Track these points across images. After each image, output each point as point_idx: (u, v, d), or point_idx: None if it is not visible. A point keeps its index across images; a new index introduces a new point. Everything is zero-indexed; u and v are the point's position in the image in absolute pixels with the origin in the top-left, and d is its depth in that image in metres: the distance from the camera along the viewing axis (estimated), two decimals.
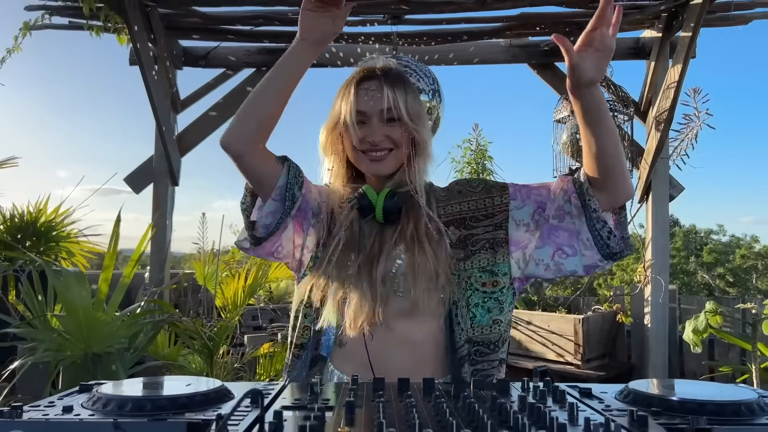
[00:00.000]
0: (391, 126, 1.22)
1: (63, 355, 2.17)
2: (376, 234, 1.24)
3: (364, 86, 1.22)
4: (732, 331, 3.28)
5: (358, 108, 1.21)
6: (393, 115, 1.20)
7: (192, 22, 3.39)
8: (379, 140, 1.21)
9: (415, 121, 1.22)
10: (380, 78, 1.21)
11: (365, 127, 1.21)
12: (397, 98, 1.20)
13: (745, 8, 3.23)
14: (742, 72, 67.30)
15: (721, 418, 0.78)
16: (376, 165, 1.23)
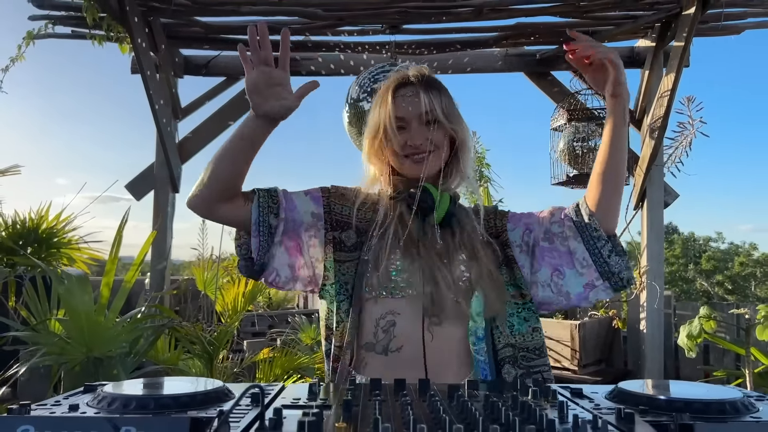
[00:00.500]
0: (429, 129, 1.26)
1: (65, 359, 2.20)
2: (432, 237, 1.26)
3: (401, 93, 1.27)
4: (727, 337, 3.32)
5: (397, 114, 1.26)
6: (431, 118, 1.25)
7: (193, 32, 3.45)
8: (420, 143, 1.25)
9: (452, 122, 1.28)
10: (415, 84, 1.27)
11: (405, 132, 1.26)
12: (433, 102, 1.25)
13: (737, 18, 3.28)
14: (736, 81, 67.69)
15: (705, 416, 0.82)
16: (419, 166, 1.27)
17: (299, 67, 3.71)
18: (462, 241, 1.27)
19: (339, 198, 1.32)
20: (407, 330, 1.20)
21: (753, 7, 3.16)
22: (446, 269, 1.23)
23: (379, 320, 1.21)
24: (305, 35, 3.35)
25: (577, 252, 1.25)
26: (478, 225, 1.30)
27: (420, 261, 1.22)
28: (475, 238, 1.28)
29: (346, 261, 1.25)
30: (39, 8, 3.20)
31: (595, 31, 3.37)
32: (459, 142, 1.30)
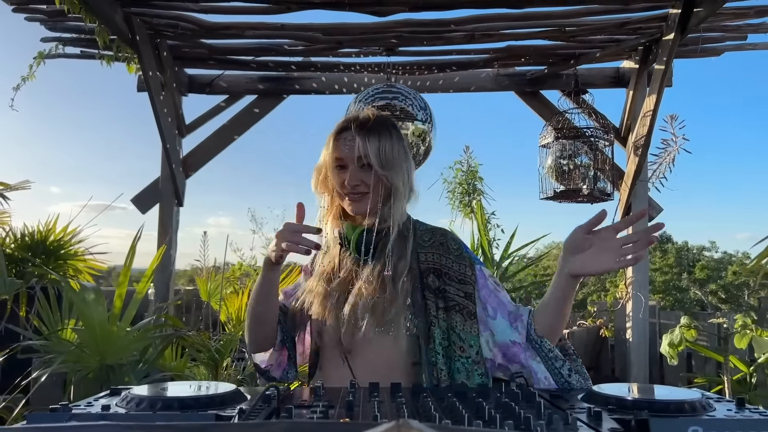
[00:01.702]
0: (365, 171, 1.36)
1: (80, 367, 2.33)
2: (351, 268, 1.40)
3: (342, 136, 1.38)
4: (708, 345, 3.47)
5: (336, 155, 1.38)
6: (365, 162, 1.35)
7: (198, 53, 3.60)
8: (355, 183, 1.36)
9: (385, 168, 1.35)
10: (358, 129, 1.36)
11: (344, 171, 1.37)
12: (367, 147, 1.33)
13: (715, 41, 3.46)
14: (721, 97, 68.37)
15: (664, 414, 0.95)
16: (356, 205, 1.38)
17: (301, 86, 3.88)
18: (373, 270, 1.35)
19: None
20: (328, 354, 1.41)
21: (730, 32, 3.34)
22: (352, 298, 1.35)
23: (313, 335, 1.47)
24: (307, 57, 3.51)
25: (539, 372, 1.31)
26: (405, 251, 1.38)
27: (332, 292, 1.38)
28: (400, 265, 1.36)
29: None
30: (51, 31, 3.34)
31: (581, 54, 3.54)
32: (392, 188, 1.37)
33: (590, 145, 3.50)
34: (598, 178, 3.52)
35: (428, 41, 3.30)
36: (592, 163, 3.49)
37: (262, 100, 3.93)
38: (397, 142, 1.39)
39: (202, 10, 3.05)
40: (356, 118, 1.40)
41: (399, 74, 3.71)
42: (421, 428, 0.54)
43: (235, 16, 3.09)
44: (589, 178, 3.47)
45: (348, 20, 3.10)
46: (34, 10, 3.11)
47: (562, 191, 3.53)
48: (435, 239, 1.43)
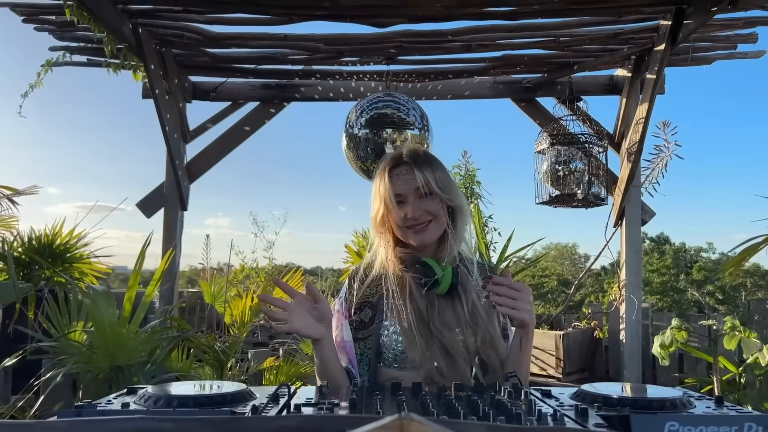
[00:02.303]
0: (426, 200, 1.41)
1: (91, 368, 2.42)
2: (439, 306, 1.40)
3: (396, 172, 1.44)
4: (699, 346, 3.56)
5: (395, 192, 1.42)
6: (425, 191, 1.40)
7: (202, 61, 3.69)
8: (419, 215, 1.40)
9: (446, 192, 1.41)
10: (409, 163, 1.43)
11: (404, 206, 1.41)
12: (426, 176, 1.40)
13: (706, 51, 3.56)
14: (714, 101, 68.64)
15: (646, 411, 1.03)
16: (421, 236, 1.41)
17: (302, 93, 3.97)
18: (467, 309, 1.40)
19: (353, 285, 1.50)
20: None
21: (720, 42, 3.43)
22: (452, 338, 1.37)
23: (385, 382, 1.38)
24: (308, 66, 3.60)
25: None
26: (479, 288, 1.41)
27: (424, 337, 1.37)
28: (478, 304, 1.41)
29: (364, 338, 1.44)
30: (59, 40, 3.43)
31: (575, 63, 3.64)
32: (456, 209, 1.44)
33: (585, 151, 3.60)
34: (592, 183, 3.61)
35: (427, 51, 3.40)
36: (586, 169, 3.59)
37: (263, 106, 4.03)
38: (446, 170, 1.47)
39: (207, 21, 3.14)
40: (406, 153, 1.45)
41: (398, 82, 3.80)
42: (422, 421, 0.63)
43: (239, 27, 3.18)
44: (583, 183, 3.57)
45: (349, 31, 3.19)
46: (43, 21, 3.19)
47: (557, 196, 3.62)
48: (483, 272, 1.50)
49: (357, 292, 1.48)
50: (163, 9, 3.02)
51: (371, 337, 1.42)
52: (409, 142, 1.57)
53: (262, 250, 5.10)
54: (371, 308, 1.46)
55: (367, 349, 1.42)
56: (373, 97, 3.38)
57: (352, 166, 3.52)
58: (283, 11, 2.89)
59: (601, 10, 2.99)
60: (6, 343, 3.53)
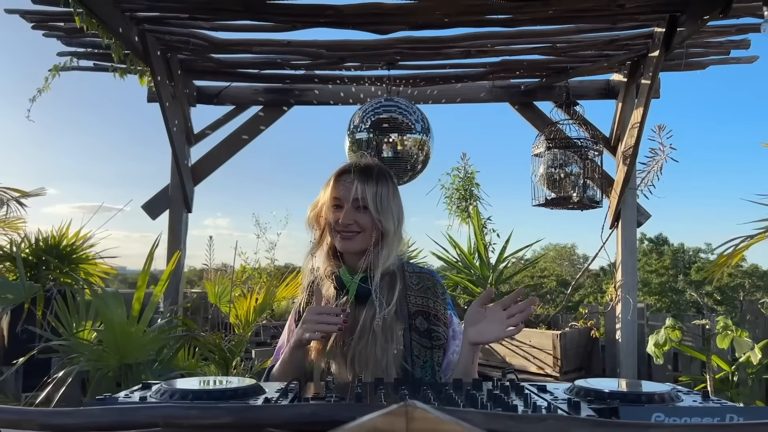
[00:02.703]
0: (360, 213, 1.48)
1: (101, 365, 2.49)
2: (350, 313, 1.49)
3: (342, 178, 1.51)
4: (693, 345, 3.63)
5: (334, 195, 1.50)
6: (361, 204, 1.47)
7: (206, 66, 3.77)
8: (348, 223, 1.47)
9: (380, 212, 1.47)
10: (358, 173, 1.49)
11: (339, 210, 1.49)
12: (365, 191, 1.46)
13: (700, 56, 3.64)
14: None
15: (635, 403, 1.10)
16: (346, 243, 1.49)
17: (305, 97, 4.05)
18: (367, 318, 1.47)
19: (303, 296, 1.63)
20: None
21: (713, 48, 3.51)
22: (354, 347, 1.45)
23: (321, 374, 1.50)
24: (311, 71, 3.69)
25: None
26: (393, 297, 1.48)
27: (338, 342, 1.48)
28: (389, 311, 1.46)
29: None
30: (67, 45, 3.51)
31: (572, 68, 3.72)
32: (383, 231, 1.48)
33: (580, 155, 3.68)
34: (587, 186, 3.69)
35: (426, 57, 3.48)
36: (582, 172, 3.66)
37: (266, 110, 4.10)
38: (393, 193, 1.52)
39: (213, 28, 3.22)
40: (358, 163, 1.52)
41: (398, 86, 3.88)
42: (425, 408, 0.71)
43: (243, 33, 3.26)
44: (579, 186, 3.65)
45: (350, 38, 3.27)
46: (52, 27, 3.27)
47: (553, 198, 3.70)
48: (423, 283, 1.56)
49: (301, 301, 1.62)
50: (170, 16, 3.10)
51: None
52: (368, 158, 1.62)
53: (264, 251, 5.18)
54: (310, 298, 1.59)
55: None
56: (375, 102, 3.46)
57: None
58: (287, 18, 2.97)
59: (596, 18, 3.08)
60: (16, 343, 3.62)
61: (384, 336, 1.45)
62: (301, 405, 1.03)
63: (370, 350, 1.44)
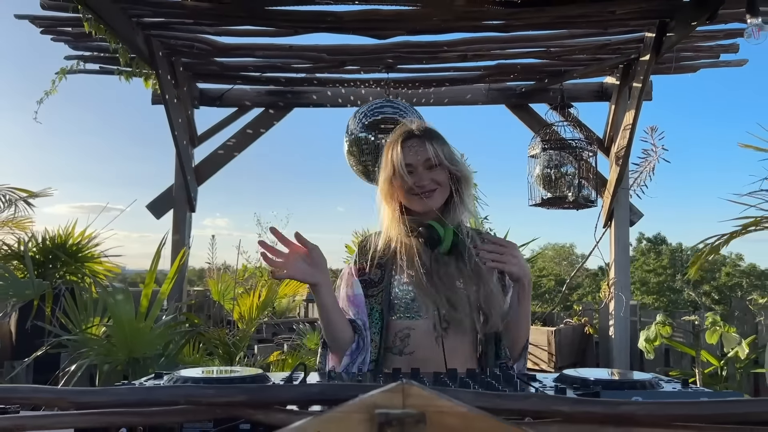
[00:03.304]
0: (433, 171, 1.54)
1: (110, 359, 2.59)
2: (443, 262, 1.54)
3: (408, 144, 1.55)
4: (684, 341, 3.73)
5: (406, 161, 1.53)
6: (435, 162, 1.52)
7: (209, 69, 3.86)
8: (426, 183, 1.52)
9: (453, 164, 1.55)
10: (420, 136, 1.55)
11: (414, 174, 1.53)
12: (436, 149, 1.52)
13: (691, 59, 3.73)
14: None
15: (617, 389, 1.20)
16: (429, 201, 1.52)
17: (306, 99, 4.14)
18: (469, 267, 1.53)
19: (364, 251, 1.63)
20: (418, 340, 1.52)
21: (703, 52, 3.61)
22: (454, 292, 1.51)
23: (397, 333, 1.54)
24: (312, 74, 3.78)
25: None
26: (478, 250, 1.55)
27: (433, 287, 1.52)
28: (480, 263, 1.50)
29: (375, 294, 1.57)
30: (74, 49, 3.60)
31: (566, 71, 3.81)
32: (462, 179, 1.56)
33: (575, 156, 3.77)
34: (582, 186, 3.79)
35: (424, 60, 3.58)
36: (576, 173, 3.76)
37: (268, 112, 4.20)
38: (450, 146, 1.60)
39: (216, 33, 3.31)
40: (417, 127, 1.59)
41: (397, 89, 3.97)
42: (420, 386, 0.80)
43: (246, 38, 3.35)
44: (573, 186, 3.74)
45: (350, 42, 3.36)
46: (60, 32, 3.36)
47: (549, 198, 3.79)
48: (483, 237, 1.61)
49: (367, 255, 1.60)
50: (175, 21, 3.19)
51: (382, 293, 1.56)
52: (418, 120, 1.69)
53: (254, 251, 5.27)
54: (381, 269, 1.58)
55: (377, 304, 1.55)
56: (373, 104, 3.56)
57: (353, 168, 3.69)
58: (289, 24, 3.07)
59: (589, 23, 3.17)
60: (23, 339, 3.71)
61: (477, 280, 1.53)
62: (310, 384, 1.13)
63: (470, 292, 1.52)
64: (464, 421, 0.89)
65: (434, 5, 2.81)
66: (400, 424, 0.83)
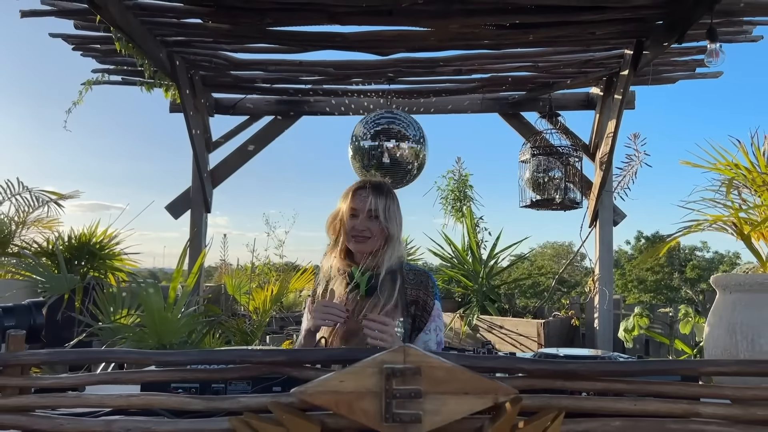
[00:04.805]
0: (372, 221, 1.83)
1: (142, 346, 2.91)
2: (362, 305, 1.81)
3: (359, 192, 1.88)
4: (662, 332, 4.05)
5: (352, 206, 1.85)
6: (373, 214, 1.82)
7: (224, 81, 4.18)
8: (363, 229, 1.82)
9: (388, 221, 1.84)
10: (371, 189, 1.86)
11: (355, 219, 1.84)
12: (377, 203, 1.83)
13: (669, 72, 4.05)
14: None
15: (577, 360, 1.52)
16: (360, 245, 1.83)
17: (313, 108, 4.47)
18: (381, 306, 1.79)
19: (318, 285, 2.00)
20: None
21: (679, 66, 3.92)
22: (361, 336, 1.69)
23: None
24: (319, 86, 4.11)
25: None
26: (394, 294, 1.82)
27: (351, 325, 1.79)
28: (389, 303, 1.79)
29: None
30: (101, 63, 3.92)
31: (554, 82, 4.13)
32: (389, 236, 1.84)
33: (562, 161, 4.09)
34: (568, 189, 4.11)
35: (422, 74, 3.90)
36: (563, 177, 4.08)
37: (277, 120, 4.52)
38: (397, 206, 1.91)
39: (233, 50, 3.63)
40: (371, 181, 1.91)
41: (398, 99, 4.30)
42: (417, 348, 1.12)
43: (260, 54, 3.67)
44: (560, 189, 4.06)
45: (355, 58, 3.68)
46: (90, 49, 3.68)
47: (538, 200, 4.11)
48: (418, 277, 1.92)
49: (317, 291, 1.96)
50: (196, 40, 3.51)
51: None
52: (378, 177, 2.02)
53: (273, 248, 5.59)
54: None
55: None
56: (376, 114, 3.88)
57: (357, 174, 4.01)
58: (300, 43, 3.38)
59: (572, 42, 3.49)
60: (55, 329, 4.03)
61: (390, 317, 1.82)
62: (333, 348, 1.45)
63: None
64: (449, 374, 1.23)
65: (431, 27, 3.12)
66: (402, 375, 1.17)
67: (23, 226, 4.32)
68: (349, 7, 2.89)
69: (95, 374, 1.27)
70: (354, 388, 1.13)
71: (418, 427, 1.09)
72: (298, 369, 1.27)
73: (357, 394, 1.13)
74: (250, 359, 1.28)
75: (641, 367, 1.25)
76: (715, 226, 1.83)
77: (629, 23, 3.19)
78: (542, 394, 1.20)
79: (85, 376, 1.27)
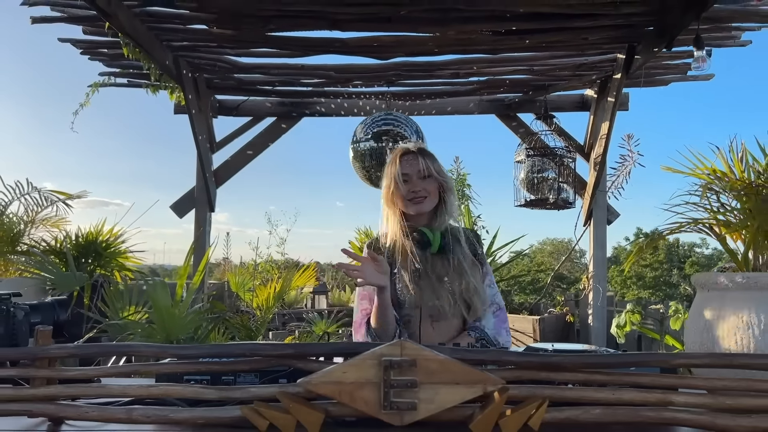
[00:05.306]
0: (424, 181, 1.88)
1: (151, 341, 3.02)
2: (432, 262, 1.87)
3: (405, 158, 1.91)
4: (654, 328, 4.16)
5: (403, 171, 1.88)
6: (424, 174, 1.87)
7: (228, 83, 4.28)
8: (418, 190, 1.86)
9: (440, 175, 1.91)
10: (415, 153, 1.92)
11: (408, 183, 1.88)
12: (427, 163, 1.88)
13: (662, 75, 4.15)
14: None
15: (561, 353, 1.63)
16: (419, 206, 1.87)
17: (314, 109, 4.57)
18: (453, 264, 1.86)
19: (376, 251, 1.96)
20: (414, 326, 1.86)
21: (671, 69, 4.03)
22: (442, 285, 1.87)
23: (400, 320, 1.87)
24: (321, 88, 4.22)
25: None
26: (465, 249, 1.89)
27: (424, 281, 1.85)
28: (463, 260, 1.86)
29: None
30: (108, 67, 4.02)
31: (549, 85, 4.23)
32: (446, 188, 1.90)
33: (556, 161, 4.20)
34: (562, 190, 4.21)
35: (421, 77, 4.00)
36: (557, 177, 4.19)
37: (279, 121, 4.62)
38: (439, 162, 1.97)
39: (237, 54, 3.73)
40: (413, 146, 1.96)
41: (397, 101, 4.40)
42: (413, 342, 1.23)
43: (263, 59, 3.77)
44: (554, 189, 4.17)
45: (356, 62, 3.78)
46: (97, 53, 3.78)
47: (532, 200, 4.23)
48: (466, 233, 1.99)
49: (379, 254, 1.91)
50: (201, 45, 3.61)
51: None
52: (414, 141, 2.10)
53: (275, 246, 5.70)
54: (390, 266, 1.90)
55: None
56: (376, 116, 3.99)
57: (357, 174, 4.12)
58: (301, 48, 3.48)
59: (566, 47, 3.59)
60: (64, 326, 4.14)
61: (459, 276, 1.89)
62: (336, 342, 1.55)
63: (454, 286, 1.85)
64: (442, 366, 1.34)
65: (429, 33, 3.23)
66: (399, 366, 1.28)
67: (32, 225, 4.42)
68: (349, 14, 3.00)
69: (117, 366, 1.38)
70: (355, 379, 1.23)
71: (413, 415, 1.20)
72: (304, 361, 1.38)
73: (358, 384, 1.23)
74: (260, 352, 1.39)
75: (618, 359, 1.36)
76: (695, 228, 1.93)
77: (621, 29, 3.29)
78: (528, 385, 1.31)
79: (107, 368, 1.38)
